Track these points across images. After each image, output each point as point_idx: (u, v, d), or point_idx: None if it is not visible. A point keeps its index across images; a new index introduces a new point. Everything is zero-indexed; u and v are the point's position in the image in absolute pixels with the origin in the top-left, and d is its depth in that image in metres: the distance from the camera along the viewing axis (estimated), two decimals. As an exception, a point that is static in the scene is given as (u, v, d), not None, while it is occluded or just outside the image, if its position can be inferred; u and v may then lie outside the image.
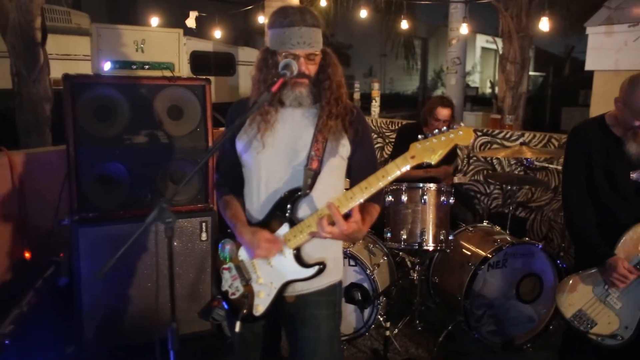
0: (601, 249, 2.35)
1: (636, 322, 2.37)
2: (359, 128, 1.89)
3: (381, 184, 1.67)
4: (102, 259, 2.90)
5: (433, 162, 1.63)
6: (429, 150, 1.61)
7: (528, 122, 11.58)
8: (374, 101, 5.94)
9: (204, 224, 3.24)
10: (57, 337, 3.06)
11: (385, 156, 5.59)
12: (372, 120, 5.78)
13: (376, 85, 6.01)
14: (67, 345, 3.05)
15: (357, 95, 6.72)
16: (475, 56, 25.01)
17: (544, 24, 4.77)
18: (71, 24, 7.52)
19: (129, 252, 2.92)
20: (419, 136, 1.63)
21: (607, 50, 5.21)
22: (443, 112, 3.92)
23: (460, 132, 1.60)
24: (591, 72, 5.48)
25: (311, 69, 1.80)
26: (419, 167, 1.67)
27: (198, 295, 3.28)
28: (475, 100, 15.91)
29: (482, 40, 24.22)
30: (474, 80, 23.86)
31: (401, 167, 1.65)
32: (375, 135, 5.72)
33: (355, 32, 16.14)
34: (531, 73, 22.12)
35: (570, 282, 2.44)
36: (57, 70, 5.13)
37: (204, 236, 3.25)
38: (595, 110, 5.42)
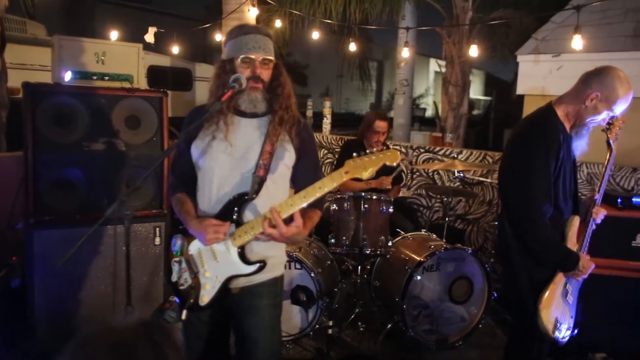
0: (574, 254, 2.34)
1: (575, 312, 2.48)
2: (305, 137, 2.11)
3: (318, 195, 1.88)
4: (57, 262, 2.98)
5: (364, 178, 1.84)
6: (361, 167, 1.83)
7: (472, 142, 12.19)
8: (325, 118, 6.23)
9: (157, 229, 3.38)
10: (9, 338, 3.12)
11: (335, 170, 5.86)
12: (323, 137, 6.06)
13: (327, 104, 6.30)
14: (19, 346, 3.11)
15: (309, 113, 7.01)
16: (429, 80, 25.89)
17: (474, 51, 5.21)
18: (27, 34, 7.50)
19: (84, 256, 3.09)
20: (354, 154, 1.85)
21: (535, 77, 5.74)
22: (381, 125, 4.25)
23: (389, 153, 1.85)
24: (521, 96, 6.01)
25: (265, 74, 2.02)
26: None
27: (151, 299, 3.39)
28: (424, 121, 16.56)
29: (435, 65, 25.16)
30: (427, 102, 24.69)
31: (336, 180, 1.87)
32: (326, 151, 6.00)
33: (312, 53, 16.54)
34: (479, 97, 23.21)
35: (546, 297, 2.34)
36: (11, 79, 5.15)
37: (157, 241, 3.39)
38: (526, 131, 5.90)
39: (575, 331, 2.47)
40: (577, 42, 4.38)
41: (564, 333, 2.41)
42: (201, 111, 2.08)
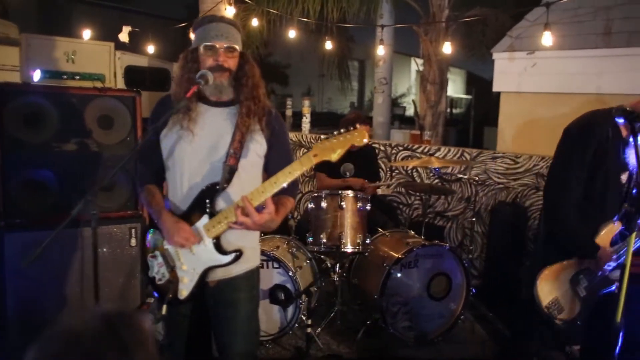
0: (594, 244, 2.44)
1: (591, 307, 2.54)
2: (276, 127, 2.10)
3: (288, 179, 1.89)
4: (29, 264, 2.93)
5: (333, 160, 1.85)
6: (329, 150, 1.84)
7: (453, 140, 12.29)
8: (304, 117, 6.22)
9: (133, 230, 3.34)
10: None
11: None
12: (302, 136, 6.05)
13: (307, 103, 6.29)
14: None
15: (289, 112, 6.99)
16: (411, 79, 26.02)
17: (447, 48, 5.27)
18: (-3, 33, 7.36)
19: (57, 258, 3.04)
20: (321, 136, 1.87)
21: (510, 74, 5.83)
22: (365, 129, 4.26)
23: (356, 133, 1.85)
24: (498, 94, 6.09)
25: (230, 62, 2.00)
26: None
27: (126, 300, 3.34)
28: (404, 119, 16.68)
29: (418, 64, 25.19)
30: (409, 101, 24.80)
31: (305, 164, 1.88)
32: (305, 150, 5.99)
33: (293, 52, 16.49)
34: (461, 96, 23.40)
35: (549, 272, 2.52)
36: (-18, 80, 5.04)
37: (133, 242, 3.34)
38: (503, 127, 6.00)
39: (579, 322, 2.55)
40: (547, 38, 4.46)
41: (564, 317, 2.51)
42: (167, 102, 2.08)
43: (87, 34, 6.69)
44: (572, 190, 2.44)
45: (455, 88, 23.94)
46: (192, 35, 2.08)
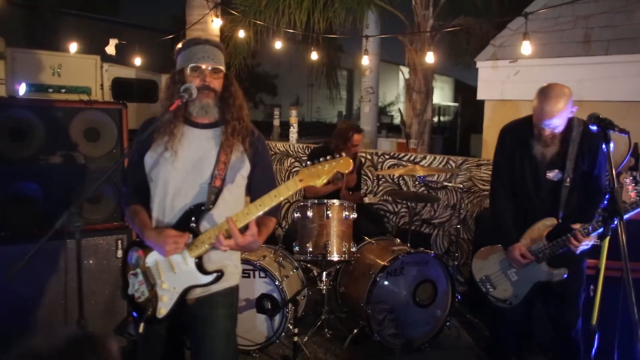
0: (509, 236, 2.79)
1: (524, 294, 2.84)
2: (259, 147, 2.14)
3: (273, 203, 1.93)
4: (14, 277, 2.92)
5: (318, 186, 1.90)
6: (315, 176, 1.89)
7: (440, 148, 12.37)
8: (292, 127, 6.25)
9: (119, 242, 3.34)
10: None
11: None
12: (290, 146, 6.08)
13: (293, 112, 6.32)
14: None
15: (277, 122, 7.02)
16: (399, 87, 26.18)
17: (430, 58, 5.35)
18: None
19: (44, 271, 3.03)
20: (307, 162, 1.90)
21: (494, 82, 5.91)
22: (358, 138, 4.34)
23: (341, 161, 1.90)
24: (483, 101, 6.18)
25: (216, 83, 2.05)
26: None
27: (113, 312, 3.35)
28: (392, 127, 16.81)
29: (406, 73, 25.33)
30: (397, 109, 24.90)
31: (291, 189, 1.91)
32: (293, 160, 6.03)
33: (281, 63, 16.55)
34: (449, 103, 23.59)
35: (482, 252, 3.00)
36: (-31, 94, 5.04)
37: (119, 253, 3.35)
38: (487, 135, 6.07)
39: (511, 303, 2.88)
40: (526, 47, 4.56)
41: (495, 295, 2.89)
42: (153, 122, 2.09)
43: (73, 47, 6.69)
44: (499, 186, 2.88)
45: (443, 96, 24.12)
46: (176, 58, 2.10)
